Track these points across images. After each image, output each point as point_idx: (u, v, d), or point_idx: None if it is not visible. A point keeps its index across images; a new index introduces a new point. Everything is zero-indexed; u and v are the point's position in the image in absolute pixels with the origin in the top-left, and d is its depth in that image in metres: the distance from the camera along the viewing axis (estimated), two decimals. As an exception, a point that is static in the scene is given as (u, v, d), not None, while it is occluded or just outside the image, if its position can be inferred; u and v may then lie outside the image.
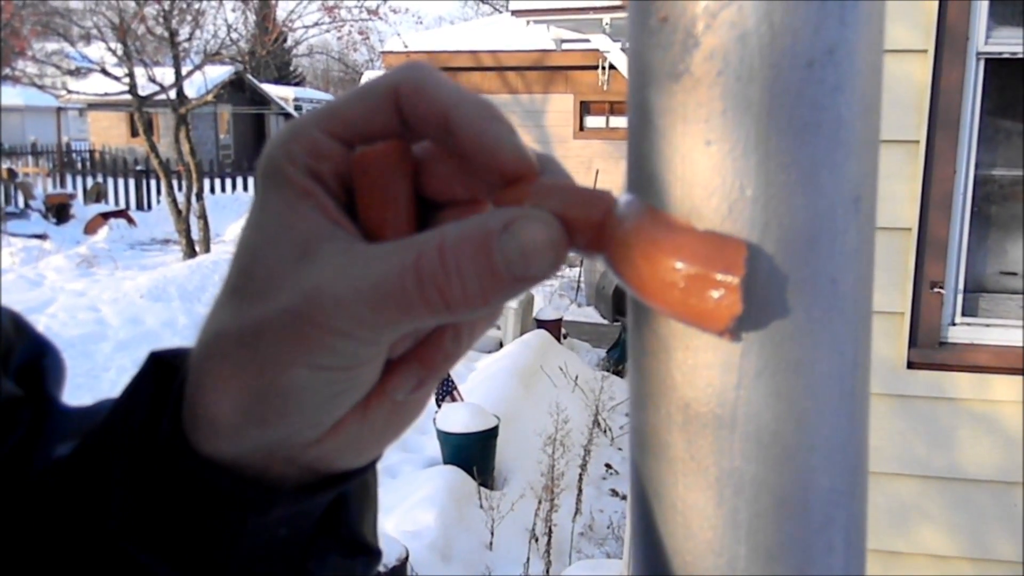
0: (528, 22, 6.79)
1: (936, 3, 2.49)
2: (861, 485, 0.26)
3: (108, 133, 22.58)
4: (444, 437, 4.73)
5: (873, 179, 0.24)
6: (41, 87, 14.57)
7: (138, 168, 15.61)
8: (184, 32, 13.24)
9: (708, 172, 0.23)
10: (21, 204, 14.87)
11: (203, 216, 12.35)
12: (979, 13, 2.52)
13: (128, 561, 0.30)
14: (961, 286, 2.69)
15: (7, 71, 14.22)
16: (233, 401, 0.27)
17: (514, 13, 6.88)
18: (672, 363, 0.25)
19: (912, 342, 2.68)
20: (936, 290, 2.62)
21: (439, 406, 4.97)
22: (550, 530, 4.12)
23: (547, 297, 8.53)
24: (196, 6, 13.33)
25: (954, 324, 2.70)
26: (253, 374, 0.26)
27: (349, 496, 0.33)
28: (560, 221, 0.25)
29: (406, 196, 0.29)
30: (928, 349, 2.68)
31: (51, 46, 14.70)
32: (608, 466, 5.30)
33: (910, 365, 2.69)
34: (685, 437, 0.25)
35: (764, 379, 0.24)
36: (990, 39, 2.54)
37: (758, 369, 0.24)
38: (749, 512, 0.24)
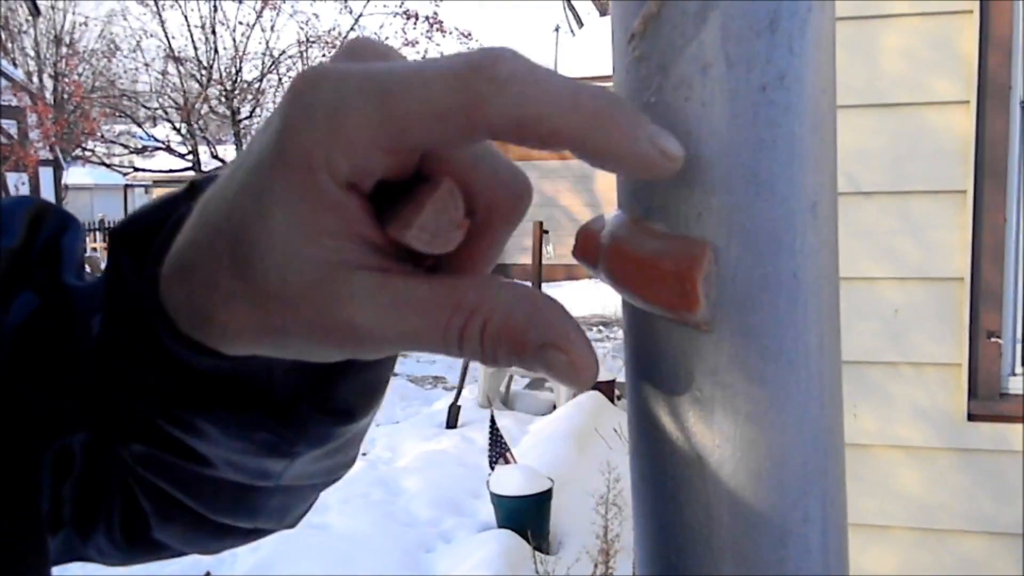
0: (575, 89, 6.94)
1: (976, 54, 2.51)
2: (835, 461, 0.28)
3: (172, 209, 23.31)
4: (498, 500, 4.72)
5: (830, 187, 0.28)
6: (109, 166, 15.22)
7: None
8: (245, 110, 13.79)
9: (679, 184, 0.27)
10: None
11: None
12: (1020, 62, 2.53)
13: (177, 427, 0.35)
14: (1019, 335, 2.64)
15: (77, 151, 14.89)
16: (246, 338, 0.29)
17: (561, 81, 7.04)
18: (658, 354, 0.28)
19: (972, 393, 2.62)
20: (993, 340, 2.58)
21: (492, 468, 4.96)
22: (607, 595, 4.05)
23: (600, 358, 8.50)
24: (256, 85, 13.89)
25: (1014, 374, 2.64)
26: (267, 341, 0.29)
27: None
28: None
29: None
30: (988, 400, 2.62)
31: (119, 127, 15.39)
32: (666, 529, 5.21)
33: (971, 417, 2.63)
34: (672, 420, 0.28)
35: (736, 365, 0.27)
36: (1034, 88, 2.53)
37: (730, 356, 0.27)
38: (730, 486, 0.27)
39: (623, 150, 0.25)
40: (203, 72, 13.63)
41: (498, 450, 5.02)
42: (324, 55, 14.54)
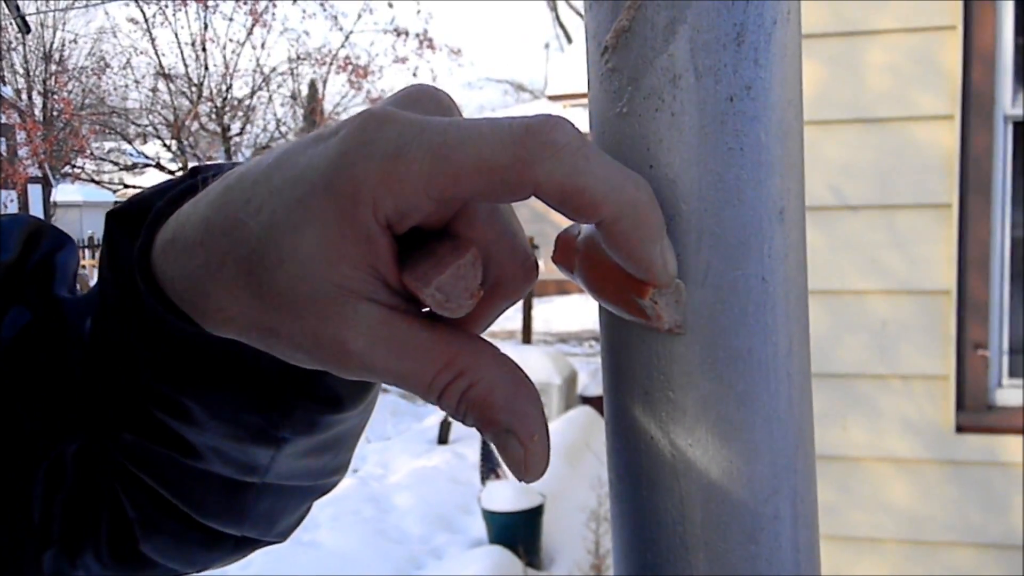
0: (564, 106, 7.00)
1: (960, 69, 2.54)
2: (804, 460, 0.29)
3: (162, 226, 23.25)
4: (489, 516, 4.71)
5: (797, 194, 0.29)
6: (99, 183, 15.18)
7: (190, 258, 16.02)
8: (236, 127, 13.79)
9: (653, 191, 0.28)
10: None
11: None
12: (1004, 77, 2.56)
13: (161, 408, 0.36)
14: (1005, 347, 2.66)
15: (67, 169, 14.86)
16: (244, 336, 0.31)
17: (550, 98, 7.10)
18: (632, 357, 0.29)
19: (959, 405, 2.64)
20: (980, 352, 2.60)
21: (483, 484, 4.95)
22: (599, 610, 4.04)
23: (592, 374, 8.52)
24: (247, 102, 13.90)
25: (1001, 386, 2.66)
26: (262, 341, 0.30)
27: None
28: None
29: None
30: (976, 412, 2.64)
31: (109, 144, 15.36)
32: (658, 544, 5.19)
33: (959, 429, 2.65)
34: (646, 419, 0.29)
35: (707, 366, 0.28)
36: (1016, 102, 2.57)
37: (701, 358, 0.28)
38: (702, 484, 0.28)
39: (642, 247, 0.26)
40: (193, 89, 13.65)
41: (489, 466, 5.01)
42: (314, 72, 14.58)
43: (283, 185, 0.28)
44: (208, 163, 0.39)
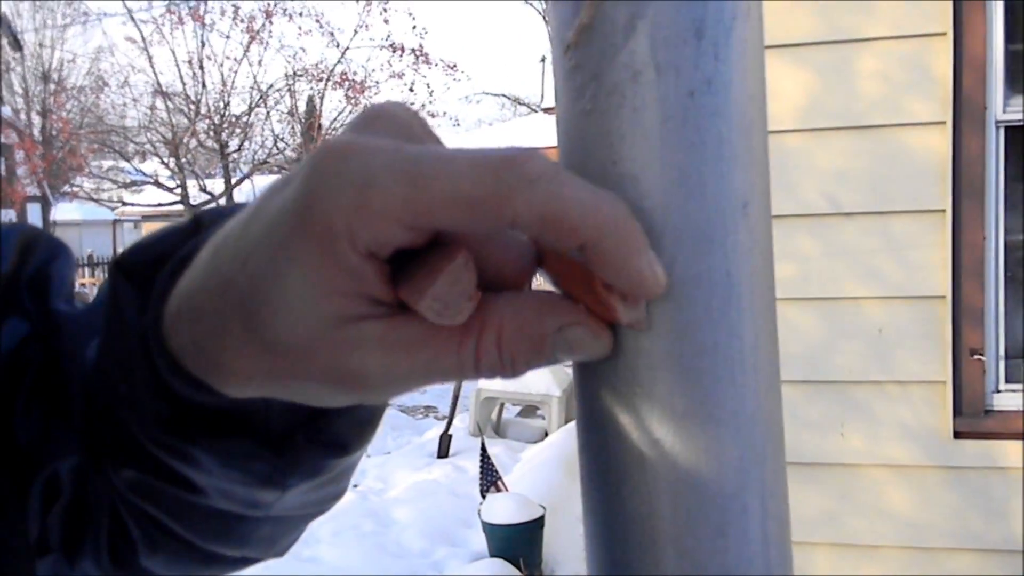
0: (560, 117, 7.03)
1: (951, 75, 2.55)
2: (773, 454, 0.29)
3: (161, 243, 23.29)
4: (490, 529, 4.69)
5: (761, 188, 0.29)
6: (98, 201, 15.20)
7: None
8: (234, 144, 13.83)
9: (615, 188, 0.28)
10: (78, 314, 15.29)
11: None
12: (995, 82, 2.57)
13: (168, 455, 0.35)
14: (1002, 352, 2.66)
15: (66, 187, 14.87)
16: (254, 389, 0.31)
17: (546, 111, 7.13)
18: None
19: (957, 411, 2.64)
20: (976, 357, 2.59)
21: (484, 497, 4.94)
22: (601, 622, 4.03)
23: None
24: (244, 119, 13.95)
25: (998, 391, 2.66)
26: (273, 387, 0.30)
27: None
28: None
29: None
30: (973, 418, 2.63)
31: (107, 162, 15.39)
32: (659, 555, 5.17)
33: (956, 435, 2.64)
34: (615, 415, 0.29)
35: (673, 361, 0.28)
36: (1008, 107, 2.58)
37: (668, 352, 0.28)
38: (670, 478, 0.28)
39: (629, 261, 0.26)
40: (191, 107, 13.69)
41: (489, 478, 4.99)
42: (311, 88, 14.62)
43: (260, 234, 0.28)
44: (209, 209, 0.39)
